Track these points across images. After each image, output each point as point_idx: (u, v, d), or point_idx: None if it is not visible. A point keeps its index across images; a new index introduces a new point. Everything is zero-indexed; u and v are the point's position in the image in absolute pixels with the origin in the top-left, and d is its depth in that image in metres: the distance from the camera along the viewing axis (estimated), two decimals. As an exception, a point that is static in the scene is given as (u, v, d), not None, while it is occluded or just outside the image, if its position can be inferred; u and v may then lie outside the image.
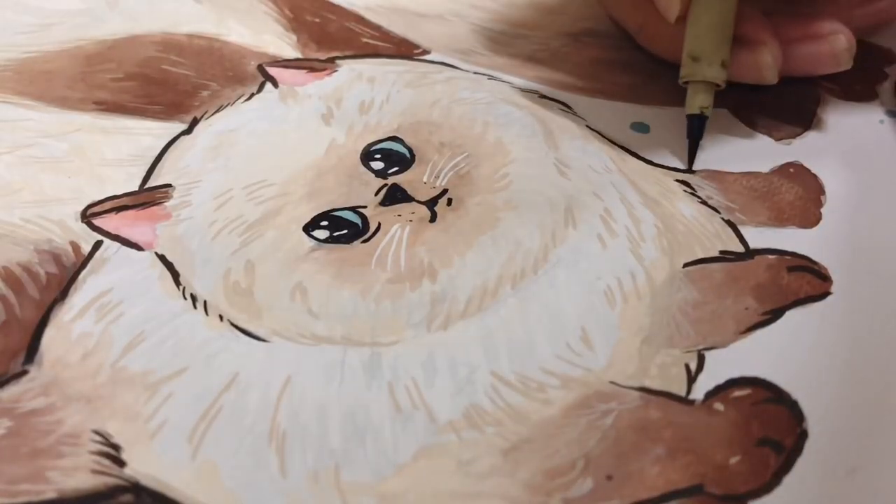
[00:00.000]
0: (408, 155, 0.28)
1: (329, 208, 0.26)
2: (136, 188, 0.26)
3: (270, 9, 0.34)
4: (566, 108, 0.30)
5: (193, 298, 0.23)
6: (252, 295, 0.23)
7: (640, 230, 0.26)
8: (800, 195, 0.28)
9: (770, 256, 0.25)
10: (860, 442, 0.21)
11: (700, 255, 0.25)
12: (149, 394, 0.21)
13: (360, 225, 0.25)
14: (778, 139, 0.30)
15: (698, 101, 0.29)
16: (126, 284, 0.23)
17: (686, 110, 0.29)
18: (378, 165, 0.27)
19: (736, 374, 0.22)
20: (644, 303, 0.24)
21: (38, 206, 0.25)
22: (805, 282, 0.24)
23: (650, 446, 0.20)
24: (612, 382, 0.22)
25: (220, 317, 0.23)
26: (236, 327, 0.22)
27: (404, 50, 0.33)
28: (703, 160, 0.29)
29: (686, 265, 0.25)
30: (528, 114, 0.30)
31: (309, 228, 0.25)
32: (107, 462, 0.19)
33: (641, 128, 0.30)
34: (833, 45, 0.29)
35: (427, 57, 0.33)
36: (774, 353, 0.23)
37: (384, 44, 0.33)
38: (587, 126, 0.30)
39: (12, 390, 0.21)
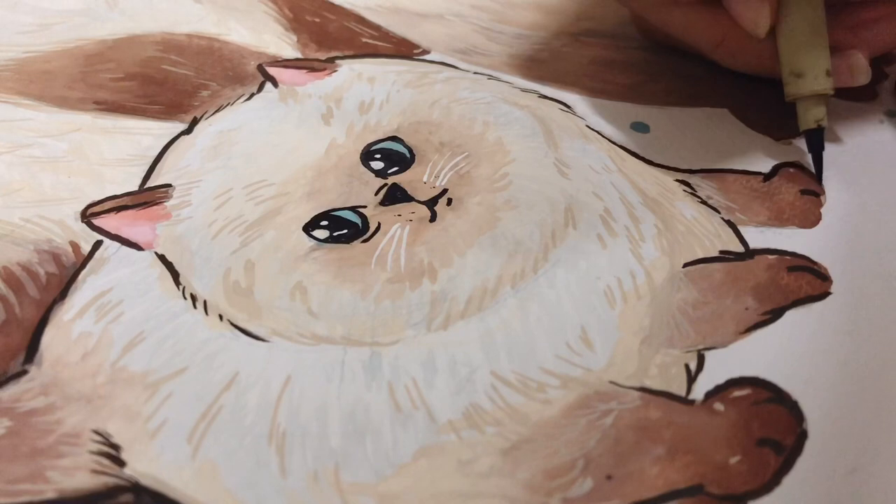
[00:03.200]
0: (408, 155, 0.28)
1: (329, 208, 0.26)
2: (135, 188, 0.26)
3: (270, 9, 0.34)
4: (566, 108, 0.30)
5: (193, 298, 0.23)
6: (252, 294, 0.23)
7: (640, 230, 0.26)
8: (800, 195, 0.28)
9: (770, 256, 0.25)
10: (860, 442, 0.21)
11: (700, 255, 0.25)
12: (149, 393, 0.21)
13: (360, 225, 0.25)
14: (778, 139, 0.30)
15: (812, 115, 0.28)
16: (126, 284, 0.23)
17: (801, 126, 0.28)
18: (378, 165, 0.27)
19: (736, 374, 0.22)
20: (644, 303, 0.24)
21: (38, 205, 0.25)
22: (805, 282, 0.24)
23: (650, 446, 0.20)
24: (611, 382, 0.22)
25: (220, 316, 0.23)
26: (236, 327, 0.22)
27: (404, 50, 0.33)
28: (704, 160, 0.29)
29: (686, 265, 0.25)
30: (528, 114, 0.30)
31: (309, 228, 0.25)
32: (107, 462, 0.19)
33: (641, 128, 0.30)
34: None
35: (427, 57, 0.33)
36: (774, 352, 0.23)
37: (384, 44, 0.33)
38: (587, 126, 0.30)
39: (12, 390, 0.21)
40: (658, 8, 0.30)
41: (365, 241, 0.25)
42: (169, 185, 0.26)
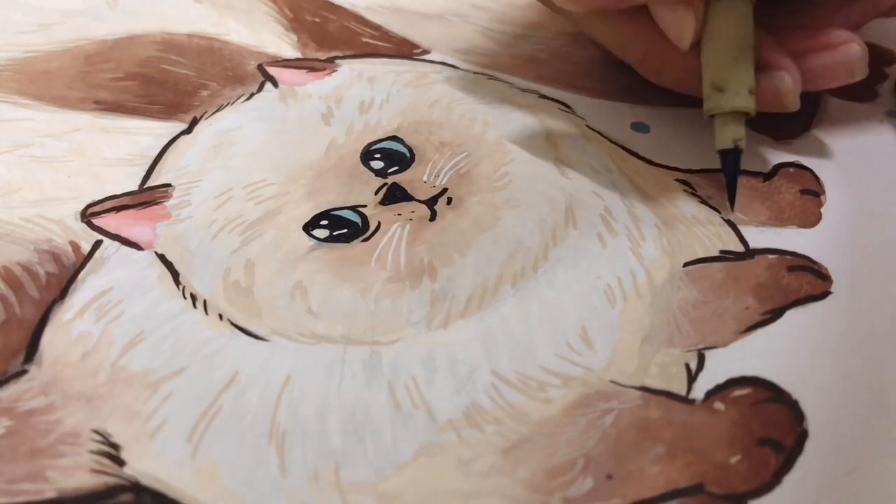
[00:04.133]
0: (408, 154, 0.28)
1: (329, 207, 0.26)
2: (135, 188, 0.26)
3: (270, 8, 0.34)
4: (566, 108, 0.30)
5: (193, 298, 0.23)
6: (252, 294, 0.23)
7: (641, 229, 0.26)
8: (800, 195, 0.28)
9: (770, 256, 0.25)
10: (860, 442, 0.21)
11: (700, 255, 0.25)
12: (148, 393, 0.21)
13: (360, 224, 0.25)
14: (778, 139, 0.30)
15: (730, 133, 0.26)
16: (126, 284, 0.23)
17: (717, 146, 0.26)
18: (378, 165, 0.27)
19: (736, 373, 0.22)
20: (644, 302, 0.24)
21: (38, 205, 0.25)
22: (805, 281, 0.24)
23: (650, 445, 0.20)
24: (612, 381, 0.22)
25: (220, 316, 0.23)
26: (236, 326, 0.22)
27: (404, 50, 0.33)
28: (703, 160, 0.29)
29: (686, 264, 0.25)
30: (528, 113, 0.30)
31: (309, 228, 0.25)
32: (106, 461, 0.19)
33: (641, 128, 0.30)
34: (847, 54, 0.27)
35: (427, 57, 0.33)
36: (775, 352, 0.23)
37: (384, 44, 0.33)
38: (587, 126, 0.30)
39: (12, 390, 0.21)
40: (587, 20, 0.30)
41: (365, 240, 0.25)
42: (169, 185, 0.26)
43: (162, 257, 0.24)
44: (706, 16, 0.27)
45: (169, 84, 0.30)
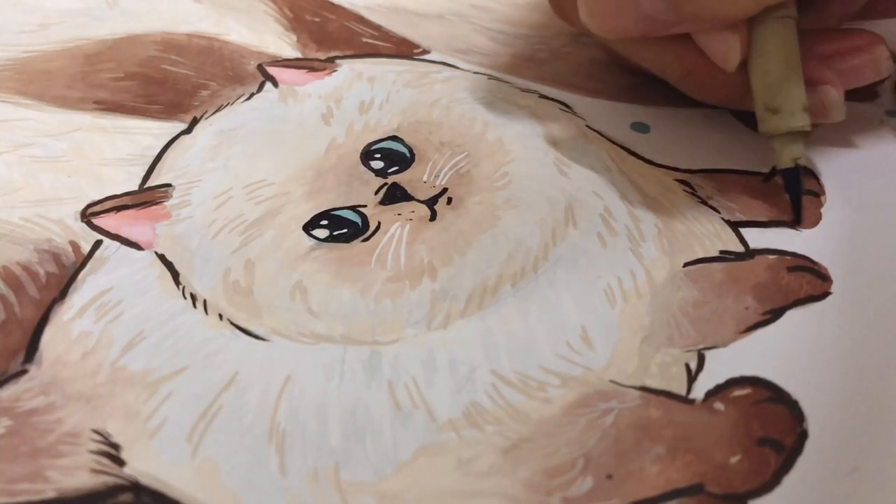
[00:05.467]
0: (408, 154, 0.28)
1: (329, 207, 0.26)
2: (135, 187, 0.26)
3: (270, 8, 0.34)
4: (566, 107, 0.30)
5: (193, 297, 0.23)
6: (252, 294, 0.23)
7: (640, 229, 0.26)
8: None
9: (770, 256, 0.25)
10: (860, 442, 0.21)
11: (700, 255, 0.25)
12: (148, 393, 0.21)
13: (360, 224, 0.25)
14: (778, 139, 0.30)
15: (790, 153, 0.26)
16: (126, 284, 0.23)
17: (777, 165, 0.27)
18: (378, 165, 0.27)
19: (736, 373, 0.22)
20: (644, 302, 0.24)
21: (38, 205, 0.25)
22: (805, 281, 0.24)
23: (650, 445, 0.20)
24: (612, 381, 0.22)
25: (220, 316, 0.23)
26: (236, 326, 0.22)
27: (404, 50, 0.33)
28: (704, 160, 0.29)
29: (686, 264, 0.25)
30: (528, 113, 0.30)
31: (309, 227, 0.25)
32: (106, 461, 0.19)
33: (641, 128, 0.30)
34: (875, 53, 0.28)
35: (427, 57, 0.33)
36: (774, 352, 0.23)
37: (384, 43, 0.33)
38: (587, 126, 0.30)
39: (12, 390, 0.21)
40: (621, 43, 0.29)
41: (365, 240, 0.25)
42: (169, 185, 0.26)
43: (162, 257, 0.24)
44: (751, 36, 0.26)
45: (169, 84, 0.30)
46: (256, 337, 0.22)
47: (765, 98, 0.26)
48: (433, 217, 0.25)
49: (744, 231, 0.26)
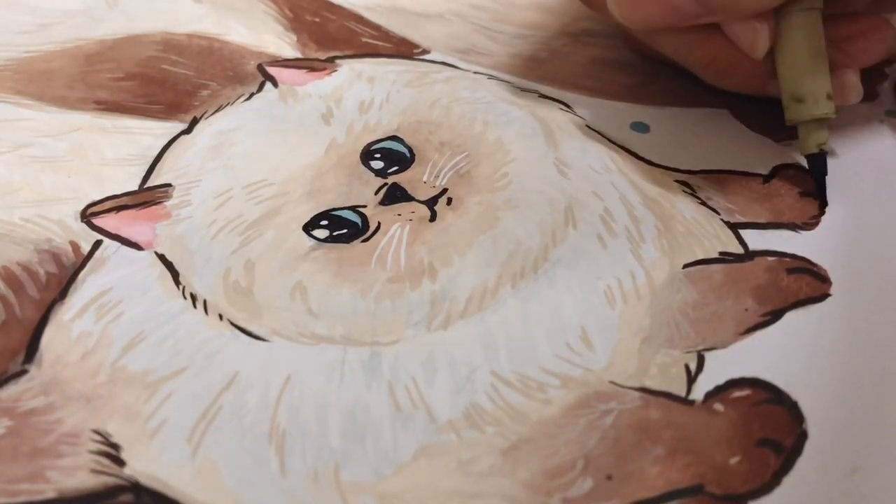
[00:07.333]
0: (408, 154, 0.28)
1: (329, 208, 0.26)
2: (135, 188, 0.26)
3: (270, 8, 0.34)
4: (566, 108, 0.30)
5: (193, 298, 0.23)
6: (252, 294, 0.23)
7: (640, 230, 0.26)
8: (799, 197, 0.28)
9: (769, 258, 0.25)
10: (860, 442, 0.21)
11: (700, 256, 0.25)
12: (148, 393, 0.21)
13: (360, 224, 0.25)
14: (778, 140, 0.30)
15: (814, 139, 0.27)
16: (126, 284, 0.23)
17: (803, 151, 0.28)
18: (378, 165, 0.27)
19: (736, 374, 0.22)
20: (644, 303, 0.24)
21: (38, 205, 0.25)
22: (804, 283, 0.24)
23: (650, 446, 0.20)
24: (612, 382, 0.22)
25: (220, 316, 0.23)
26: (236, 327, 0.22)
27: (404, 50, 0.33)
28: (704, 161, 0.29)
29: (686, 266, 0.25)
30: (528, 113, 0.30)
31: (309, 228, 0.25)
32: (106, 461, 0.19)
33: (641, 128, 0.30)
34: (884, 33, 0.29)
35: (427, 57, 0.33)
36: (774, 354, 0.23)
37: (384, 43, 0.33)
38: (587, 126, 0.30)
39: (12, 390, 0.21)
40: (647, 32, 0.30)
41: (365, 240, 0.25)
42: (169, 185, 0.26)
43: (162, 257, 0.24)
44: (777, 27, 0.27)
45: (169, 84, 0.30)
46: (256, 337, 0.22)
47: (790, 88, 0.27)
48: (433, 217, 0.25)
49: (743, 232, 0.26)
